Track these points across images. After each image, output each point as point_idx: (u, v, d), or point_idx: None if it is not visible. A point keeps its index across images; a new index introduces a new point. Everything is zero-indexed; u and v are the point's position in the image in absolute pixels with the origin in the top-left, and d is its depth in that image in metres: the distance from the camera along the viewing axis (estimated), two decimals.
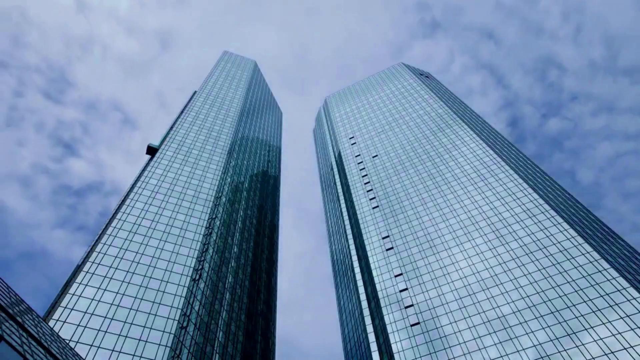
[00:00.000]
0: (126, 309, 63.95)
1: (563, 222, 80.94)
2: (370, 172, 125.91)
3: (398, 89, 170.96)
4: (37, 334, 30.33)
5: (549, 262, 74.73)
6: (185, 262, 76.73)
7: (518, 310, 69.90)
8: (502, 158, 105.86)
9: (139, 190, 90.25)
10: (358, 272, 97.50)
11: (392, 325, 77.55)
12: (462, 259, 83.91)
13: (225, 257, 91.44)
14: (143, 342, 60.05)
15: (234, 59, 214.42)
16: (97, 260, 70.03)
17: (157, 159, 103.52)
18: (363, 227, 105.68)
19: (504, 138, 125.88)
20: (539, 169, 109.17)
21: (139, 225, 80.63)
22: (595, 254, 72.08)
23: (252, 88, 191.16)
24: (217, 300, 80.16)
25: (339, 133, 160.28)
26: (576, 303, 66.55)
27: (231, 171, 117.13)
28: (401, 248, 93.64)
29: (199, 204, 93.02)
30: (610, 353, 58.23)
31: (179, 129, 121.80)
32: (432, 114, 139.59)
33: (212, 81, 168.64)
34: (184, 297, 69.65)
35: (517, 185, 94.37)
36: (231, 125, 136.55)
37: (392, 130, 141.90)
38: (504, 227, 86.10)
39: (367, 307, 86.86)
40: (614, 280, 66.78)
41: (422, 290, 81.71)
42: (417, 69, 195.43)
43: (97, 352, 56.08)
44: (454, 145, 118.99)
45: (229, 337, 78.46)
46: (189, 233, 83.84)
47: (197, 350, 65.89)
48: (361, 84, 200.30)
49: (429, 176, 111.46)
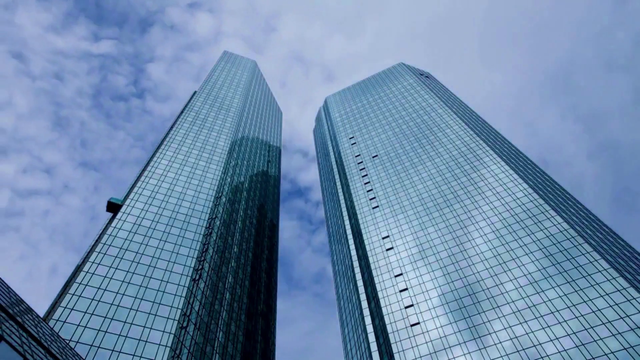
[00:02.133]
0: (126, 309, 63.95)
1: (563, 222, 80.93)
2: (370, 172, 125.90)
3: (398, 89, 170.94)
4: (37, 334, 30.32)
5: (549, 262, 74.73)
6: (185, 262, 76.73)
7: (518, 310, 69.90)
8: (502, 158, 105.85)
9: (139, 190, 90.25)
10: (358, 272, 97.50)
11: (392, 325, 77.55)
12: (462, 259, 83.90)
13: (225, 257, 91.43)
14: (143, 342, 60.05)
15: (234, 58, 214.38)
16: (97, 260, 70.03)
17: (157, 159, 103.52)
18: (363, 227, 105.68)
19: (504, 138, 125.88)
20: (538, 168, 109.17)
21: (139, 225, 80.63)
22: (595, 254, 72.08)
23: (252, 88, 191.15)
24: (217, 300, 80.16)
25: (339, 133, 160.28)
26: (576, 303, 66.55)
27: (231, 171, 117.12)
28: (401, 248, 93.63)
29: (199, 204, 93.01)
30: (611, 353, 58.25)
31: (179, 129, 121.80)
32: (432, 114, 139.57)
33: (212, 81, 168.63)
34: (184, 297, 69.65)
35: (517, 185, 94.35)
36: (231, 125, 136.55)
37: (392, 130, 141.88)
38: (503, 227, 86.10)
39: (367, 307, 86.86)
40: (614, 280, 66.79)
41: (422, 290, 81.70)
42: (417, 69, 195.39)
43: (97, 352, 56.08)
44: (454, 145, 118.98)
45: (229, 337, 78.46)
46: (189, 233, 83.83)
47: (197, 350, 65.89)
48: (361, 84, 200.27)
49: (429, 176, 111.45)
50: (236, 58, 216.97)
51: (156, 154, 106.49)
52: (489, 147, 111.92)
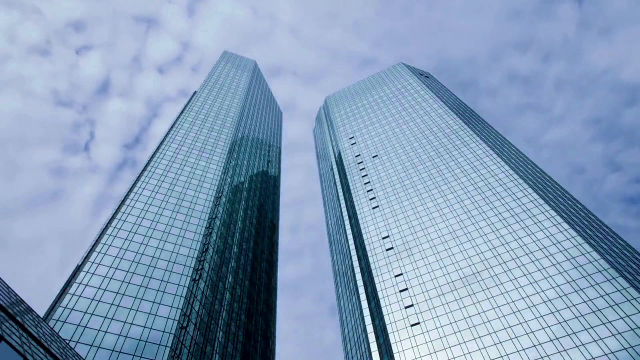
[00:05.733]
0: (126, 309, 63.96)
1: (563, 222, 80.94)
2: (370, 172, 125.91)
3: (398, 89, 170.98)
4: (37, 334, 30.32)
5: (549, 262, 74.73)
6: (185, 262, 76.74)
7: (518, 310, 69.90)
8: (502, 158, 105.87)
9: (139, 190, 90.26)
10: (358, 272, 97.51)
11: (392, 325, 77.55)
12: (462, 259, 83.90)
13: (225, 257, 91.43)
14: (143, 341, 60.05)
15: (234, 59, 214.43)
16: (97, 260, 70.04)
17: (157, 159, 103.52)
18: (363, 227, 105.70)
19: (504, 139, 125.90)
20: (538, 168, 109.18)
21: (139, 225, 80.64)
22: (595, 254, 72.08)
23: (252, 88, 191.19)
24: (217, 300, 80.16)
25: (339, 133, 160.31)
26: (576, 303, 66.55)
27: (231, 171, 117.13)
28: (401, 248, 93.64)
29: (199, 204, 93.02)
30: (610, 353, 58.25)
31: (179, 129, 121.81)
32: (432, 114, 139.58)
33: (212, 81, 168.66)
34: (184, 297, 69.65)
35: (517, 185, 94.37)
36: (231, 125, 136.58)
37: (392, 130, 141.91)
38: (503, 227, 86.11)
39: (367, 307, 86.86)
40: (614, 280, 66.79)
41: (422, 290, 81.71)
42: (417, 69, 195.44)
43: (97, 352, 56.09)
44: (454, 145, 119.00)
45: (229, 337, 78.45)
46: (189, 233, 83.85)
47: (197, 350, 65.89)
48: (361, 84, 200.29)
49: (429, 176, 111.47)
50: (236, 58, 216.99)
51: (156, 154, 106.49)
52: (489, 147, 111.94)
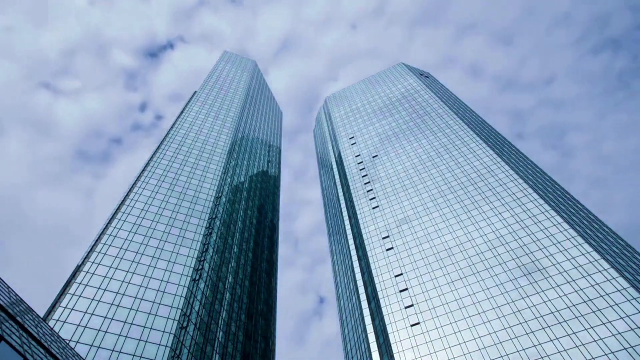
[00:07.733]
0: (126, 309, 63.96)
1: (563, 222, 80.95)
2: (370, 172, 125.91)
3: (398, 89, 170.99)
4: (37, 334, 30.32)
5: (549, 262, 74.73)
6: (185, 262, 76.74)
7: (518, 310, 69.91)
8: (502, 158, 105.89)
9: (139, 190, 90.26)
10: (358, 272, 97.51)
11: (392, 325, 77.55)
12: (462, 259, 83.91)
13: (225, 257, 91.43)
14: (143, 342, 60.06)
15: (234, 58, 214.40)
16: (97, 260, 70.04)
17: (157, 159, 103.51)
18: (363, 227, 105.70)
19: (503, 138, 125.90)
20: (538, 168, 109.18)
21: (139, 225, 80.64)
22: (595, 254, 72.09)
23: (252, 88, 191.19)
24: (217, 300, 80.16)
25: (339, 133, 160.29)
26: (576, 303, 66.56)
27: (231, 171, 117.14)
28: (401, 248, 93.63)
29: (199, 204, 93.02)
30: (610, 353, 58.25)
31: (179, 129, 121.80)
32: (432, 114, 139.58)
33: (212, 81, 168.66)
34: (184, 297, 69.65)
35: (517, 185, 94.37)
36: (231, 125, 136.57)
37: (392, 130, 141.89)
38: (503, 227, 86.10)
39: (367, 307, 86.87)
40: (614, 280, 66.80)
41: (422, 290, 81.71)
42: (417, 69, 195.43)
43: (97, 352, 56.08)
44: (454, 145, 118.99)
45: (229, 337, 78.45)
46: (189, 233, 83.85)
47: (197, 350, 65.89)
48: (361, 84, 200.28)
49: (429, 176, 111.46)
50: (236, 58, 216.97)
51: (156, 154, 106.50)
52: (489, 147, 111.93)
